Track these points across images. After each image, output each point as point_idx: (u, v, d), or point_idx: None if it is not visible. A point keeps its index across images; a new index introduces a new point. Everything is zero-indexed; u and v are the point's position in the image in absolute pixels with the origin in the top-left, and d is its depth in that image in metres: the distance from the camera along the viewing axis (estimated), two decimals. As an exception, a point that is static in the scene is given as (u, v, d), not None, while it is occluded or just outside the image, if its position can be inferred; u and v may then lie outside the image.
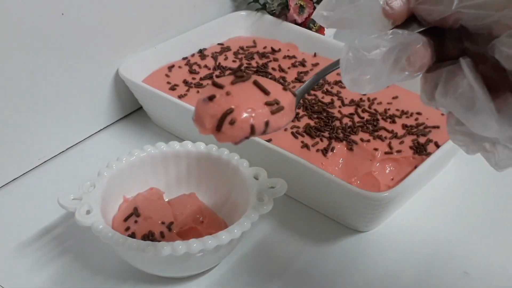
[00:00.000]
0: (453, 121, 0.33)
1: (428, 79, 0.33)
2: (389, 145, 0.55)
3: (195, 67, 0.67)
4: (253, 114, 0.34)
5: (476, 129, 0.31)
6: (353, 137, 0.56)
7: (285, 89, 0.35)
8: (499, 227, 0.54)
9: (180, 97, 0.61)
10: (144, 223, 0.48)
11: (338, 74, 0.65)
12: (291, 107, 0.35)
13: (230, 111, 0.34)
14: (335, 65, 0.37)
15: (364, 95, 0.62)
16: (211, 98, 0.35)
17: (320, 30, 0.74)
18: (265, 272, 0.49)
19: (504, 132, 0.31)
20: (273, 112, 0.35)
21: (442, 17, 0.31)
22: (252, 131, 0.35)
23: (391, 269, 0.50)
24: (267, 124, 0.35)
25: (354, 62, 0.32)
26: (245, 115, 0.34)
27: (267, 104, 0.34)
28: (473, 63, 0.31)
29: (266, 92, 0.35)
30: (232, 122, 0.34)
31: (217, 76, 0.64)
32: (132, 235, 0.47)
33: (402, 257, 0.51)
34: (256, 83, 0.35)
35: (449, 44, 0.33)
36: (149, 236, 0.46)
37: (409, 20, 0.33)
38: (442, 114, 0.59)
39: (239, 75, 0.35)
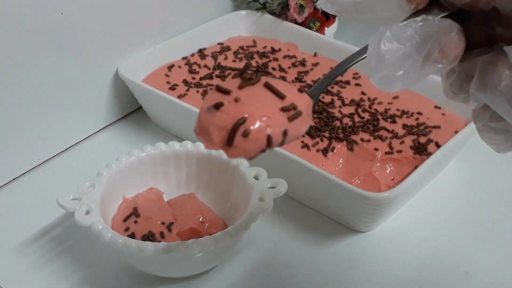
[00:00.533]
0: (486, 117, 0.29)
1: (456, 71, 0.30)
2: (390, 145, 0.55)
3: (195, 66, 0.66)
4: (270, 123, 0.29)
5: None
6: (353, 137, 0.56)
7: (300, 90, 0.31)
8: (500, 227, 0.54)
9: (179, 97, 0.61)
10: (144, 224, 0.48)
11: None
12: (308, 111, 0.31)
13: (242, 121, 0.29)
14: (352, 59, 0.31)
15: (364, 94, 0.62)
16: (217, 106, 0.29)
17: (320, 29, 0.74)
18: (265, 273, 0.49)
19: None
20: (290, 119, 0.30)
21: (468, 2, 0.28)
22: (269, 142, 0.30)
23: (391, 270, 0.50)
24: (285, 133, 0.30)
25: (388, 57, 0.27)
26: (260, 124, 0.29)
27: (284, 110, 0.30)
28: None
29: (281, 96, 0.30)
30: (245, 134, 0.29)
31: (217, 76, 0.64)
32: (132, 235, 0.46)
33: (403, 258, 0.51)
34: (268, 86, 0.30)
35: (475, 30, 0.29)
36: (149, 237, 0.46)
37: (430, 4, 0.29)
38: (443, 114, 0.59)
39: (246, 77, 0.31)
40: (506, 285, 0.49)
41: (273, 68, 0.66)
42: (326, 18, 0.75)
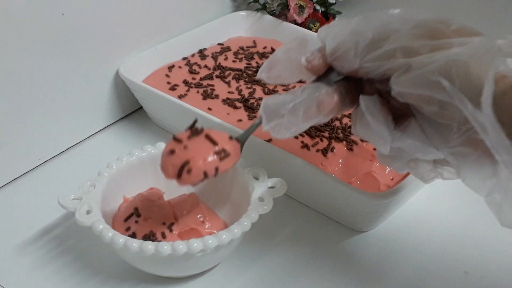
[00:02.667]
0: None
1: (352, 115, 0.41)
2: (389, 145, 0.55)
3: (195, 67, 0.67)
4: (205, 163, 0.42)
5: (380, 151, 0.40)
6: (353, 137, 0.56)
7: (230, 138, 0.43)
8: (500, 226, 0.54)
9: (180, 97, 0.61)
10: (145, 223, 0.48)
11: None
12: (236, 152, 0.43)
13: (186, 163, 0.41)
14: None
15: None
16: (172, 152, 0.42)
17: (320, 30, 0.74)
18: (265, 272, 0.49)
19: (412, 148, 0.39)
20: (221, 159, 0.42)
21: (352, 71, 0.39)
22: (205, 176, 0.42)
23: (391, 269, 0.50)
24: (217, 169, 0.42)
25: (267, 117, 0.41)
26: (198, 165, 0.42)
27: (216, 153, 0.42)
28: (385, 99, 0.39)
29: (215, 143, 0.42)
30: (189, 171, 0.42)
31: (217, 76, 0.65)
32: (133, 235, 0.47)
33: (402, 257, 0.51)
34: (207, 136, 0.43)
35: (366, 86, 0.40)
36: (150, 236, 0.46)
37: (330, 71, 0.41)
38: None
39: (194, 131, 0.43)
40: (505, 285, 0.49)
41: (273, 69, 0.66)
42: (325, 19, 0.75)
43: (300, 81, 0.45)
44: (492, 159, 0.35)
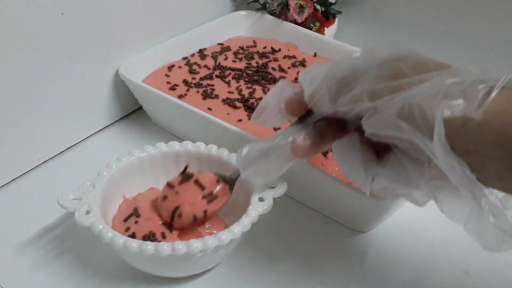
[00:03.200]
0: None
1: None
2: (389, 145, 0.55)
3: (195, 67, 0.66)
4: (194, 207, 0.46)
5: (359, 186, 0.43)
6: (353, 137, 0.56)
7: (218, 180, 0.47)
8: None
9: (180, 97, 0.61)
10: (144, 224, 0.48)
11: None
12: (224, 192, 0.47)
13: (177, 208, 0.46)
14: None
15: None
16: (165, 197, 0.47)
17: (320, 30, 0.74)
18: (265, 272, 0.49)
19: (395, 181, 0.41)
20: (209, 202, 0.46)
21: (330, 113, 0.41)
22: (195, 219, 0.46)
23: (391, 269, 0.50)
24: (205, 212, 0.46)
25: (244, 164, 0.44)
26: (188, 209, 0.46)
27: (204, 197, 0.46)
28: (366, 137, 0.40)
29: (202, 188, 0.46)
30: (179, 215, 0.46)
31: (217, 76, 0.65)
32: (133, 236, 0.46)
33: (403, 257, 0.51)
34: (196, 181, 0.47)
35: (348, 122, 0.42)
36: (149, 237, 0.46)
37: (310, 111, 0.43)
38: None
39: (185, 177, 0.47)
40: (505, 285, 0.49)
41: (273, 69, 0.66)
42: (326, 19, 0.75)
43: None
44: None
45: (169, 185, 0.47)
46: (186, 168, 0.48)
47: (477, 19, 0.72)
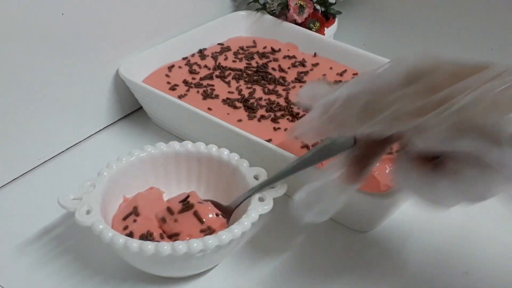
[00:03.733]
0: None
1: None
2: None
3: (195, 67, 0.66)
4: (191, 239, 0.45)
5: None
6: (353, 137, 0.56)
7: (217, 214, 0.48)
8: (501, 226, 0.54)
9: (180, 97, 0.61)
10: (143, 223, 0.48)
11: (337, 74, 0.66)
12: (222, 227, 0.47)
13: (176, 235, 0.47)
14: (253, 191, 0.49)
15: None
16: (164, 220, 0.48)
17: (320, 30, 0.74)
18: (264, 273, 0.49)
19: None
20: (206, 236, 0.45)
21: (365, 135, 0.39)
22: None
23: (390, 270, 0.50)
24: None
25: (300, 212, 0.43)
26: (186, 239, 0.45)
27: (201, 230, 0.47)
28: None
29: (201, 221, 0.47)
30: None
31: (217, 76, 0.65)
32: (130, 234, 0.47)
33: (402, 257, 0.51)
34: (195, 214, 0.47)
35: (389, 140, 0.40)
36: (147, 236, 0.46)
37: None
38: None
39: (185, 206, 0.48)
40: (506, 285, 0.49)
41: (273, 69, 0.66)
42: (325, 19, 0.75)
43: None
44: None
45: (169, 210, 0.48)
46: (187, 197, 0.48)
47: (478, 18, 0.72)
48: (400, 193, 0.49)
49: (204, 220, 0.47)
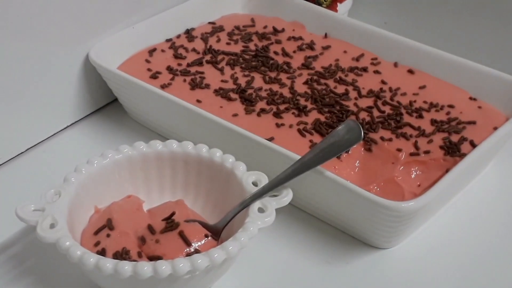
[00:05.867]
0: None
1: None
2: (415, 145, 0.55)
3: (181, 50, 0.66)
4: (177, 258, 0.44)
5: None
6: (371, 135, 0.56)
7: (206, 236, 0.48)
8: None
9: (163, 87, 0.61)
10: (118, 238, 0.48)
11: (353, 58, 0.66)
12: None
13: (157, 258, 0.46)
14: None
15: (384, 84, 0.62)
16: (143, 239, 0.48)
17: (332, 5, 0.74)
18: (266, 298, 0.50)
19: None
20: None
21: None
22: None
23: (417, 294, 0.50)
24: None
25: None
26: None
27: (188, 255, 0.46)
28: None
29: (188, 244, 0.47)
30: None
31: (208, 62, 0.65)
32: (102, 252, 0.47)
33: (431, 279, 0.51)
34: (180, 234, 0.47)
35: None
36: (122, 254, 0.46)
37: None
38: (480, 107, 0.59)
39: (169, 225, 0.48)
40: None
41: (275, 53, 0.66)
42: (338, -8, 0.75)
43: None
44: None
45: (150, 229, 0.48)
46: (172, 215, 0.49)
47: (476, 20, 0.73)
48: (428, 202, 0.49)
49: (191, 242, 0.47)
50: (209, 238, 0.48)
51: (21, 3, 0.56)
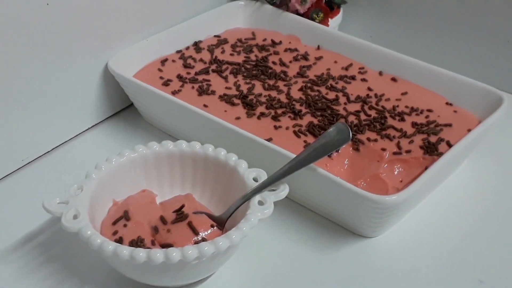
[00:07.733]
0: None
1: None
2: (398, 145, 0.55)
3: (189, 61, 0.66)
4: (186, 246, 0.44)
5: None
6: (359, 136, 0.56)
7: (212, 226, 0.48)
8: (516, 232, 0.54)
9: (173, 93, 0.61)
10: (134, 228, 0.48)
11: (342, 68, 0.65)
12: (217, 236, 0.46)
13: (168, 245, 0.46)
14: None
15: (370, 90, 0.62)
16: (156, 229, 0.48)
17: (324, 21, 0.74)
18: (264, 282, 0.49)
19: None
20: None
21: None
22: None
23: (399, 278, 0.50)
24: None
25: None
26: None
27: (196, 243, 0.46)
28: None
29: (195, 232, 0.47)
30: None
31: (214, 71, 0.65)
32: (119, 240, 0.47)
33: (412, 265, 0.51)
34: (189, 224, 0.48)
35: None
36: (137, 242, 0.46)
37: None
38: (455, 111, 0.59)
39: (179, 216, 0.48)
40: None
41: (274, 62, 0.66)
42: (330, 9, 0.75)
43: None
44: None
45: (162, 220, 0.48)
46: (182, 207, 0.49)
47: (490, 8, 0.72)
48: (410, 196, 0.49)
49: (198, 231, 0.47)
50: (215, 228, 0.48)
51: (52, 21, 0.56)
